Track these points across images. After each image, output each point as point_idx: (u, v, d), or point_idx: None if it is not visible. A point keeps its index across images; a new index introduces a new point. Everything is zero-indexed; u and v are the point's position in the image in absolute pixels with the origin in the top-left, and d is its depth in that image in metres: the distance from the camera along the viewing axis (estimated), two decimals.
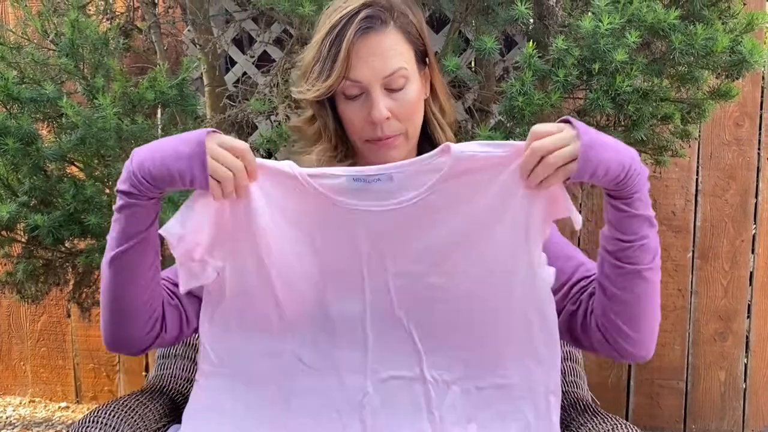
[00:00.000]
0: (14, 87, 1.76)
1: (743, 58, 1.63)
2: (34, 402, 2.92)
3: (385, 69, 1.04)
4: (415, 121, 1.09)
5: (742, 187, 2.50)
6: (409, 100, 1.06)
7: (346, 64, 1.02)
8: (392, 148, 1.08)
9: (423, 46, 1.10)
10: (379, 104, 1.03)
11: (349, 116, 1.07)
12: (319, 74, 1.04)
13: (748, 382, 2.57)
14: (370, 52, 1.03)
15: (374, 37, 1.03)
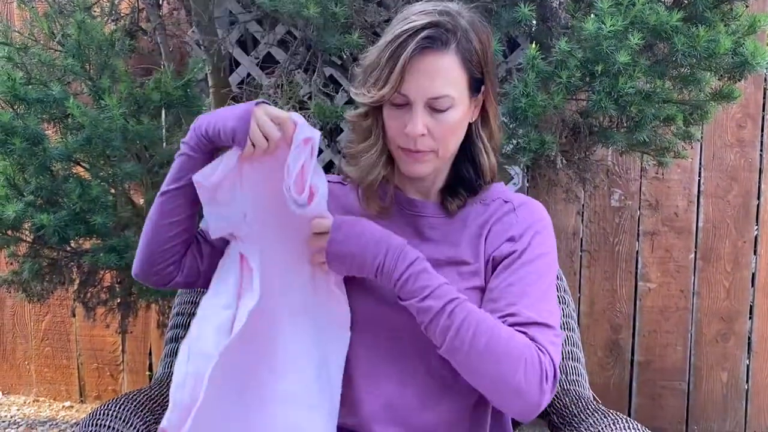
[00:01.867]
0: (21, 88, 1.77)
1: (745, 60, 1.64)
2: (38, 401, 2.93)
3: (432, 91, 1.07)
4: (449, 143, 1.12)
5: (744, 188, 2.50)
6: (449, 123, 1.09)
7: (400, 79, 1.06)
8: (421, 162, 1.11)
9: (481, 74, 1.12)
10: (418, 120, 1.07)
11: (390, 122, 1.11)
12: (375, 82, 1.09)
13: (750, 383, 2.57)
14: (423, 71, 1.06)
15: (430, 57, 1.06)
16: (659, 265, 2.56)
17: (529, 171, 2.28)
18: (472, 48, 1.09)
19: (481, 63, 1.11)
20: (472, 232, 1.16)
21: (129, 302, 2.15)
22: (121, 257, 1.84)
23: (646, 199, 2.53)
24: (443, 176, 1.18)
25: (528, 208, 1.19)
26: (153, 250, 1.17)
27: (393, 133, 1.11)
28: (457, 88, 1.09)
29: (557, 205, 2.48)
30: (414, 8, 1.11)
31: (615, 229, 2.55)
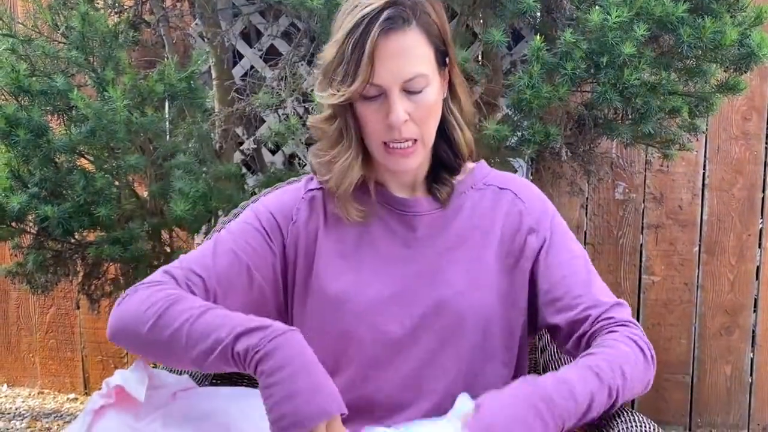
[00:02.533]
0: (25, 79, 1.77)
1: (751, 51, 1.63)
2: (42, 393, 2.94)
3: (405, 72, 1.02)
4: (430, 125, 1.07)
5: (749, 181, 2.49)
6: (427, 102, 1.04)
7: (370, 68, 1.00)
8: (409, 156, 1.06)
9: (444, 46, 1.08)
10: (398, 107, 1.02)
11: (367, 117, 1.05)
12: (343, 78, 1.02)
13: (754, 376, 2.57)
14: (392, 53, 1.01)
15: (396, 37, 1.01)
16: (663, 258, 2.55)
17: (534, 163, 2.27)
18: (432, 20, 1.05)
19: (442, 34, 1.07)
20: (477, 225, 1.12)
21: None
22: (125, 249, 1.85)
23: (651, 192, 2.52)
24: (425, 165, 1.13)
25: (527, 190, 1.16)
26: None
27: (372, 128, 1.05)
28: (427, 64, 1.04)
29: (561, 198, 2.48)
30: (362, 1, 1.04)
31: (619, 222, 2.55)
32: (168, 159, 1.88)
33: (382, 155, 1.07)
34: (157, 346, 0.99)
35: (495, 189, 1.15)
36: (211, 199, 1.82)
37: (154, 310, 0.99)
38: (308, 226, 1.13)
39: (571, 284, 1.08)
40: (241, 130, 2.25)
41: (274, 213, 1.14)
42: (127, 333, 1.03)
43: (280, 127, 1.88)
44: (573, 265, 1.10)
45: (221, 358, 0.94)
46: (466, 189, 1.14)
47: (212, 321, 0.96)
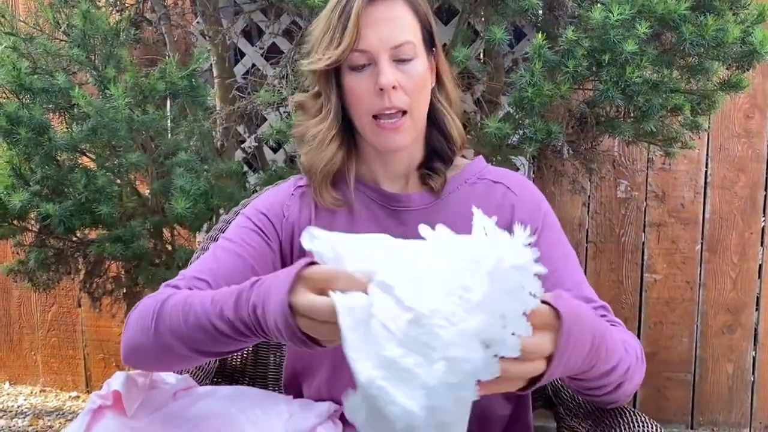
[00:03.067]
0: (26, 77, 1.77)
1: (754, 49, 1.63)
2: (44, 391, 2.95)
3: (393, 38, 1.03)
4: (420, 101, 1.07)
5: (751, 179, 2.49)
6: (416, 73, 1.04)
7: (356, 31, 1.01)
8: (398, 132, 1.05)
9: (430, 29, 1.09)
10: (387, 71, 1.02)
11: (356, 89, 1.05)
12: (329, 43, 1.03)
13: (756, 375, 2.56)
14: (379, 19, 1.02)
15: (383, 4, 1.03)
16: (665, 257, 2.55)
17: (535, 161, 2.27)
18: (418, 1, 1.07)
19: (428, 18, 1.08)
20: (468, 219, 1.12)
21: (135, 292, 2.16)
22: (126, 247, 1.85)
23: (653, 190, 2.52)
24: (418, 153, 1.13)
25: (521, 185, 1.15)
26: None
27: (361, 100, 1.04)
28: (415, 35, 1.05)
29: (563, 196, 2.47)
30: None
31: (621, 220, 2.54)
32: (169, 157, 1.88)
33: (372, 131, 1.06)
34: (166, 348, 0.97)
35: (488, 182, 1.14)
36: (212, 197, 1.82)
37: (150, 317, 0.98)
38: (301, 221, 1.13)
39: (561, 279, 1.06)
40: (243, 128, 2.25)
41: (266, 213, 1.13)
42: (137, 350, 1.01)
43: (282, 125, 1.88)
44: (563, 263, 1.08)
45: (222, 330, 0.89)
46: (460, 184, 1.14)
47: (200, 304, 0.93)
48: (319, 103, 1.09)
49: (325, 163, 1.08)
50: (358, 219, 1.11)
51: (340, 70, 1.06)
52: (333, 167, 1.09)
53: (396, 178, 1.14)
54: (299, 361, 1.18)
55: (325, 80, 1.07)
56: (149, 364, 1.03)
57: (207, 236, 1.43)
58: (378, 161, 1.12)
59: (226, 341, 0.90)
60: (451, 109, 1.13)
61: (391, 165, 1.12)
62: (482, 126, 1.77)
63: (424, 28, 1.07)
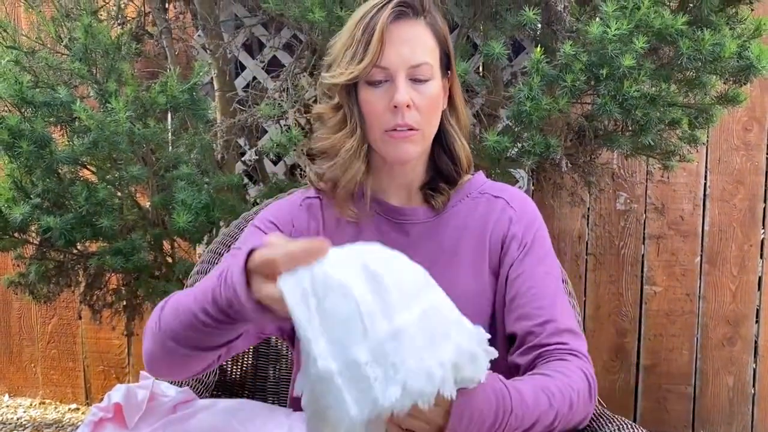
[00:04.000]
0: (28, 91, 1.79)
1: (751, 63, 1.64)
2: (44, 403, 2.94)
3: (413, 58, 1.05)
4: (432, 120, 1.09)
5: (750, 191, 2.50)
6: (431, 94, 1.07)
7: (380, 47, 1.03)
8: (410, 141, 1.06)
9: (448, 52, 1.12)
10: (403, 89, 1.04)
11: (371, 103, 1.06)
12: (352, 57, 1.04)
13: (757, 387, 2.56)
14: (401, 38, 1.05)
15: (406, 24, 1.05)
16: (665, 269, 2.55)
17: (535, 174, 2.28)
18: (438, 24, 1.09)
19: (447, 41, 1.11)
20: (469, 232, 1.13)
21: (135, 304, 2.16)
22: (127, 260, 1.85)
23: (652, 202, 2.52)
24: (422, 168, 1.14)
25: (520, 200, 1.16)
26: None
27: (375, 115, 1.06)
28: (433, 58, 1.07)
29: (562, 209, 2.48)
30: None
31: (621, 232, 2.55)
32: (170, 170, 1.89)
33: (383, 142, 1.07)
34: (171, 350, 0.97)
35: (489, 197, 1.16)
36: (213, 209, 1.83)
37: (155, 323, 0.99)
38: (309, 232, 1.14)
39: (536, 296, 1.07)
40: (243, 140, 2.26)
41: (275, 221, 1.15)
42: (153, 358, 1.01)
43: (282, 138, 1.89)
44: (543, 280, 1.09)
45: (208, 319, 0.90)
46: (462, 198, 1.15)
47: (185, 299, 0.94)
48: (340, 115, 1.09)
49: (351, 178, 1.09)
50: (364, 231, 1.13)
51: (357, 83, 1.08)
52: (357, 182, 1.10)
53: (401, 191, 1.15)
54: None
55: (347, 94, 1.08)
56: (165, 369, 1.04)
57: (207, 249, 1.44)
58: (386, 174, 1.14)
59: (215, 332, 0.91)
60: (461, 132, 1.15)
61: (398, 178, 1.14)
62: (481, 139, 1.77)
63: (443, 51, 1.10)
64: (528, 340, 1.05)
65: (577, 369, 1.01)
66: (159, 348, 0.98)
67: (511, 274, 1.10)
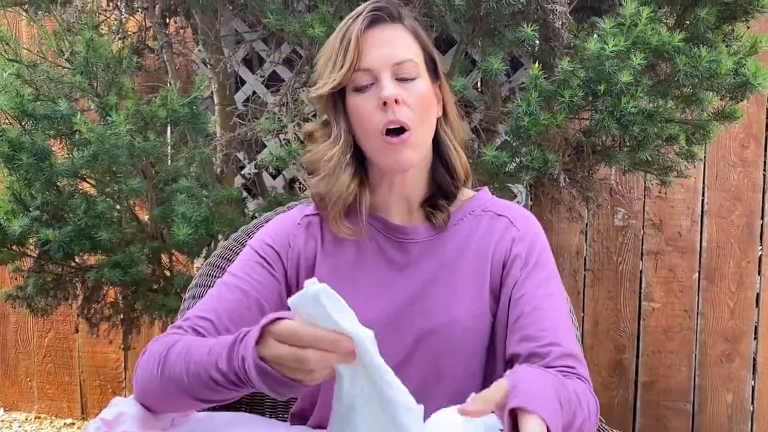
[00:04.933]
0: (29, 104, 1.79)
1: (747, 80, 1.65)
2: (39, 418, 2.92)
3: (395, 56, 1.05)
4: (425, 120, 1.07)
5: (747, 208, 2.50)
6: (419, 92, 1.06)
7: (356, 52, 1.04)
8: (407, 146, 1.05)
9: (433, 57, 1.11)
10: (388, 85, 1.04)
11: (360, 107, 1.06)
12: (333, 67, 1.06)
13: (756, 405, 2.55)
14: (380, 40, 1.06)
15: (383, 28, 1.07)
16: (663, 285, 2.55)
17: (533, 189, 2.28)
18: (419, 31, 1.10)
19: (431, 49, 1.11)
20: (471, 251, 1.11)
21: (132, 318, 2.16)
22: (125, 273, 1.85)
23: (650, 218, 2.53)
24: (421, 181, 1.13)
25: (524, 219, 1.15)
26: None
27: (366, 117, 1.05)
28: (417, 56, 1.08)
29: (561, 224, 2.48)
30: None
31: (618, 248, 2.55)
32: (169, 183, 1.89)
33: (380, 148, 1.06)
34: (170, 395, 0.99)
35: (492, 215, 1.15)
36: (212, 223, 1.83)
37: (156, 364, 0.99)
38: (307, 251, 1.14)
39: (540, 317, 1.05)
40: (243, 154, 2.26)
41: (272, 243, 1.14)
42: (147, 394, 1.03)
43: (281, 152, 1.90)
44: (547, 301, 1.07)
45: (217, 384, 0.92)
46: (465, 215, 1.14)
47: (199, 353, 0.95)
48: (329, 130, 1.10)
49: (341, 193, 1.08)
50: (365, 249, 1.12)
51: (345, 95, 1.07)
52: (349, 198, 1.09)
53: (401, 208, 1.14)
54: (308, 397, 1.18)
55: (332, 106, 1.09)
56: (159, 406, 1.04)
57: (206, 262, 1.44)
58: (386, 187, 1.12)
59: (222, 391, 0.92)
60: (456, 141, 1.14)
61: (397, 191, 1.12)
62: (480, 154, 1.78)
63: (427, 55, 1.10)
64: (533, 360, 1.02)
65: (585, 388, 1.00)
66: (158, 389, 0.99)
67: (514, 295, 1.08)
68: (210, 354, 0.92)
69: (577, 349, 1.05)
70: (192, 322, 1.06)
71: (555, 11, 1.69)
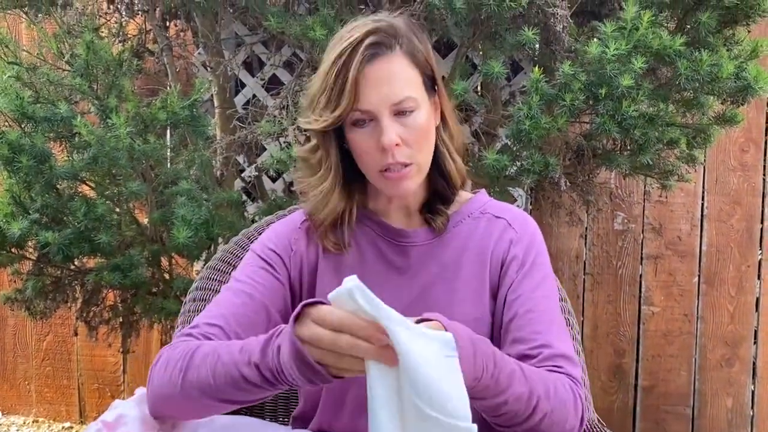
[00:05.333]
0: (29, 106, 1.79)
1: (748, 84, 1.65)
2: (37, 422, 2.91)
3: (393, 96, 1.02)
4: (425, 149, 1.07)
5: (747, 212, 2.50)
6: (419, 125, 1.05)
7: (354, 93, 1.00)
8: (406, 179, 1.06)
9: (431, 71, 1.10)
10: (389, 130, 1.02)
11: (360, 145, 1.05)
12: (326, 104, 1.02)
13: (756, 409, 2.55)
14: (378, 79, 1.01)
15: (381, 63, 1.02)
16: (663, 289, 2.55)
17: (533, 193, 2.28)
18: (416, 49, 1.06)
19: (427, 59, 1.08)
20: (470, 253, 1.12)
21: (131, 322, 2.15)
22: (124, 276, 1.84)
23: (650, 222, 2.53)
24: (421, 193, 1.14)
25: (522, 221, 1.15)
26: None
27: (366, 155, 1.05)
28: (415, 88, 1.05)
29: (560, 228, 2.48)
30: (347, 27, 1.06)
31: (618, 252, 2.55)
32: (169, 186, 1.89)
33: (379, 182, 1.08)
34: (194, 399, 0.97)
35: (490, 217, 1.16)
36: (213, 225, 1.83)
37: (177, 369, 0.98)
38: (309, 255, 1.14)
39: (533, 320, 1.05)
40: (242, 157, 2.26)
41: (274, 247, 1.15)
42: (165, 402, 1.01)
43: (282, 155, 1.89)
44: (541, 304, 1.08)
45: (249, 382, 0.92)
46: (463, 218, 1.15)
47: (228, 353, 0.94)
48: (318, 157, 1.09)
49: (325, 217, 1.11)
50: (366, 253, 1.13)
51: (342, 124, 1.06)
52: (335, 215, 1.11)
53: (400, 213, 1.15)
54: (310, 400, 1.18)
55: (323, 137, 1.08)
56: (177, 414, 1.04)
57: (206, 266, 1.44)
58: (384, 197, 1.14)
59: (252, 389, 0.92)
60: (453, 146, 1.14)
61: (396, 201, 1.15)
62: (480, 157, 1.78)
63: (425, 75, 1.08)
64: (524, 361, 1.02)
65: (565, 381, 1.00)
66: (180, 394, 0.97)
67: (510, 296, 1.09)
68: (242, 352, 0.92)
69: (570, 350, 1.06)
70: (201, 329, 1.06)
71: (556, 15, 1.69)
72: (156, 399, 1.02)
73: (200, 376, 0.95)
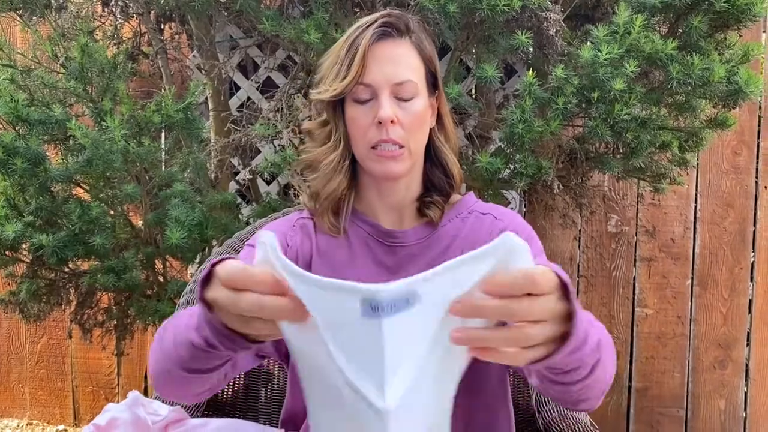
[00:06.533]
0: (23, 109, 1.79)
1: (739, 88, 1.66)
2: (31, 425, 2.90)
3: (396, 75, 1.07)
4: (418, 137, 1.11)
5: (740, 215, 2.52)
6: (415, 111, 1.09)
7: (362, 65, 1.06)
8: (396, 160, 1.09)
9: (434, 71, 1.14)
10: (387, 105, 1.06)
11: (356, 120, 1.09)
12: (336, 75, 1.08)
13: (749, 411, 2.56)
14: (385, 56, 1.07)
15: (390, 43, 1.09)
16: (656, 291, 2.56)
17: (526, 196, 2.29)
18: (424, 44, 1.12)
19: (433, 61, 1.14)
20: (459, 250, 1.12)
21: (126, 324, 2.15)
22: (119, 278, 1.84)
23: (643, 225, 2.54)
24: (414, 187, 1.16)
25: (509, 215, 1.18)
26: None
27: (361, 131, 1.09)
28: (418, 76, 1.10)
29: (554, 231, 2.49)
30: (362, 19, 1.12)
31: (612, 254, 2.56)
32: (163, 188, 1.89)
33: (370, 159, 1.10)
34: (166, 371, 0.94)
35: (477, 215, 1.18)
36: (206, 227, 1.83)
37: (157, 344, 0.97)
38: (303, 250, 1.16)
39: None
40: (237, 160, 2.26)
41: None
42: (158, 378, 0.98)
43: (276, 158, 1.90)
44: None
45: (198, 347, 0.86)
46: (452, 218, 1.17)
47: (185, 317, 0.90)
48: (327, 131, 1.14)
49: (332, 192, 1.13)
50: (357, 252, 1.15)
51: (344, 101, 1.11)
52: (336, 196, 1.14)
53: (392, 211, 1.17)
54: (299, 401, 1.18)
55: (333, 110, 1.12)
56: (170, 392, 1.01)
57: (200, 268, 1.44)
58: (375, 193, 1.16)
59: (202, 358, 0.87)
60: (449, 149, 1.17)
61: (388, 197, 1.16)
62: (474, 160, 1.79)
63: (428, 70, 1.13)
64: None
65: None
66: (160, 367, 0.96)
67: None
68: (191, 316, 0.87)
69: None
70: None
71: (549, 19, 1.70)
72: (152, 379, 1.01)
73: (168, 347, 0.92)
